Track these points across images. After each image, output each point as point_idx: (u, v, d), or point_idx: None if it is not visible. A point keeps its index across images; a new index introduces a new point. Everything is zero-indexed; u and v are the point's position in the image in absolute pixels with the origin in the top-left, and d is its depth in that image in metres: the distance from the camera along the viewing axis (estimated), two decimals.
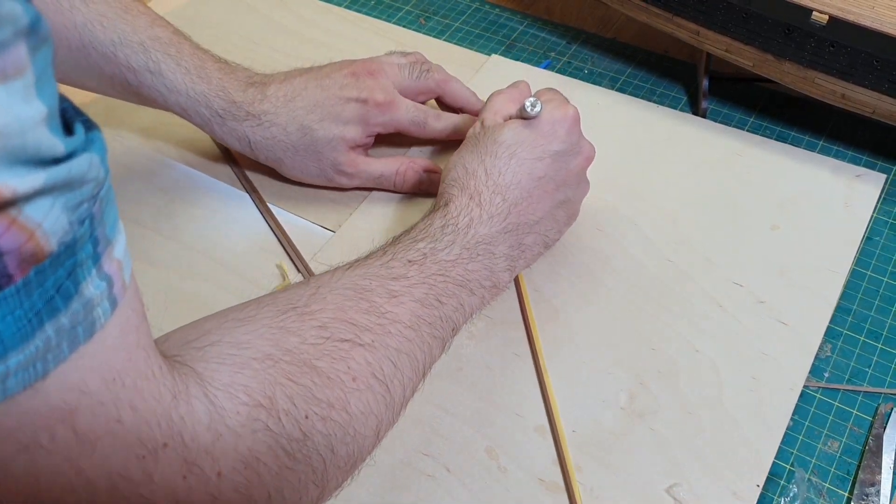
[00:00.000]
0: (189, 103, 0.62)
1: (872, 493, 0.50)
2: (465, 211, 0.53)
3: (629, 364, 0.56)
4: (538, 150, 0.55)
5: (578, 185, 0.58)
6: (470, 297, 0.52)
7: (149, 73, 0.61)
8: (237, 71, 0.64)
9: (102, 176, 0.31)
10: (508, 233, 0.54)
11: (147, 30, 0.61)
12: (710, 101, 0.73)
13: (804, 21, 0.62)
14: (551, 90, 0.60)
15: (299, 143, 0.63)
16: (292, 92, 0.63)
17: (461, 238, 0.52)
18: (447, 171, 0.56)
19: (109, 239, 0.32)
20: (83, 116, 0.31)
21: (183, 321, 0.60)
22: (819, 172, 0.66)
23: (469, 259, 0.52)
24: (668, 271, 0.60)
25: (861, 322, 0.59)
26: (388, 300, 0.47)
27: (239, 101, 0.62)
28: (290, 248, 0.63)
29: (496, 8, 0.84)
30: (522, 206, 0.54)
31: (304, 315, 0.44)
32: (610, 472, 0.51)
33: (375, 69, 0.64)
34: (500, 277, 0.54)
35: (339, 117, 0.62)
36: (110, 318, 0.32)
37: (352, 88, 0.63)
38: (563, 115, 0.57)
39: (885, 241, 0.63)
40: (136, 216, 0.66)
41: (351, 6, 0.85)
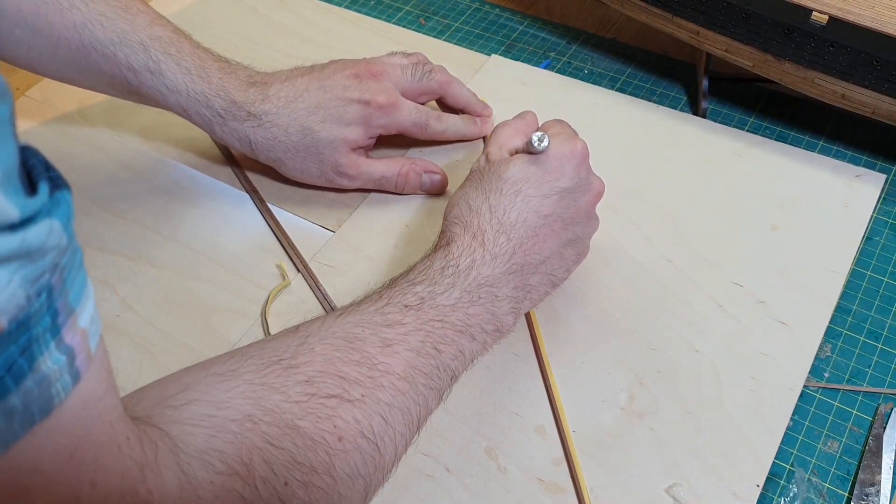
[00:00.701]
0: (189, 103, 0.61)
1: (872, 493, 0.50)
2: (467, 251, 0.51)
3: (629, 364, 0.56)
4: (545, 187, 0.53)
5: (587, 223, 0.56)
6: (471, 343, 0.49)
7: (149, 73, 0.60)
8: (238, 70, 0.64)
9: (65, 243, 0.29)
10: (513, 274, 0.51)
11: (147, 29, 0.61)
12: (710, 101, 0.73)
13: (804, 21, 0.62)
14: (559, 122, 0.58)
15: (300, 144, 0.62)
16: (294, 93, 0.62)
17: (462, 280, 0.49)
18: (450, 207, 0.54)
19: (72, 308, 0.30)
20: (52, 173, 0.29)
21: (183, 321, 0.60)
22: (819, 172, 0.66)
23: (470, 303, 0.49)
24: (667, 271, 0.60)
25: (861, 322, 0.59)
26: (381, 350, 0.45)
27: (240, 101, 0.62)
28: (290, 248, 0.63)
29: (496, 8, 0.84)
30: (528, 246, 0.52)
31: (290, 369, 0.42)
32: (610, 472, 0.51)
33: (378, 71, 0.63)
34: (503, 321, 0.51)
35: (341, 119, 0.62)
36: (70, 393, 0.30)
37: (354, 90, 0.62)
38: (571, 151, 0.54)
39: (885, 241, 0.63)
40: (136, 216, 0.66)
41: (351, 6, 0.85)
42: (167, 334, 0.59)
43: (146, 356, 0.58)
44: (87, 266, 0.65)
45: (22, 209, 0.27)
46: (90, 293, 0.32)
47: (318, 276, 0.62)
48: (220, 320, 0.60)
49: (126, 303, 0.61)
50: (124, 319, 0.60)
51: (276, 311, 0.60)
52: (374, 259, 0.63)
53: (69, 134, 0.73)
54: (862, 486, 0.51)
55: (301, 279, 0.62)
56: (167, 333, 0.59)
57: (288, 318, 0.60)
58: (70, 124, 0.73)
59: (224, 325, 0.59)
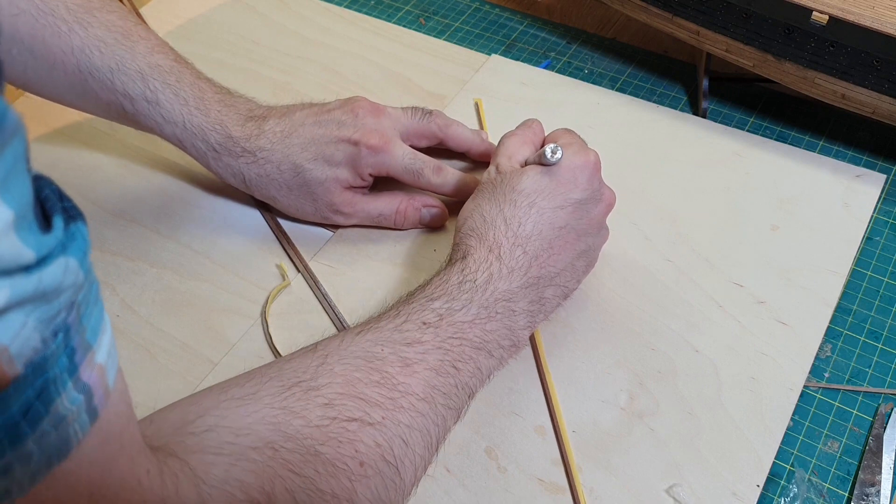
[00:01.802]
0: (185, 135, 0.60)
1: (872, 493, 0.50)
2: (483, 265, 0.50)
3: (629, 364, 0.56)
4: (559, 199, 0.52)
5: (599, 233, 0.56)
6: (488, 360, 0.49)
7: (146, 102, 0.59)
8: (238, 103, 0.62)
9: (81, 279, 0.28)
10: (529, 287, 0.51)
11: (146, 57, 0.59)
12: (710, 101, 0.73)
13: (804, 21, 0.62)
14: (568, 132, 0.57)
15: (293, 182, 0.60)
16: (290, 128, 0.60)
17: (479, 295, 0.49)
18: (463, 219, 0.54)
19: (90, 344, 0.29)
20: (66, 203, 0.29)
21: (183, 321, 0.60)
22: (819, 173, 0.66)
23: (488, 318, 0.49)
24: (667, 271, 0.60)
25: (861, 322, 0.59)
26: (401, 370, 0.44)
27: (236, 137, 0.60)
28: (290, 248, 0.63)
29: (496, 8, 0.84)
30: (543, 258, 0.51)
31: (310, 391, 0.42)
32: (610, 473, 0.51)
33: (378, 109, 0.61)
34: (519, 335, 0.51)
35: (331, 158, 0.60)
36: (89, 432, 0.30)
37: (348, 127, 0.60)
38: (584, 162, 0.54)
39: (885, 242, 0.63)
40: (136, 216, 0.66)
41: (351, 6, 0.85)
42: (167, 334, 0.59)
43: (146, 356, 0.58)
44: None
45: (38, 249, 0.26)
46: (107, 325, 0.31)
47: (318, 276, 0.62)
48: (220, 320, 0.60)
49: (126, 303, 0.61)
50: (124, 319, 0.60)
51: (276, 311, 0.60)
52: (374, 259, 0.63)
53: (69, 134, 0.73)
54: (862, 486, 0.51)
55: (301, 279, 0.62)
56: (167, 333, 0.59)
57: (288, 317, 0.60)
58: (70, 124, 0.73)
59: (224, 325, 0.59)
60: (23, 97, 0.76)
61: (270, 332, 0.59)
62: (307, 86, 0.76)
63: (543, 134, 0.59)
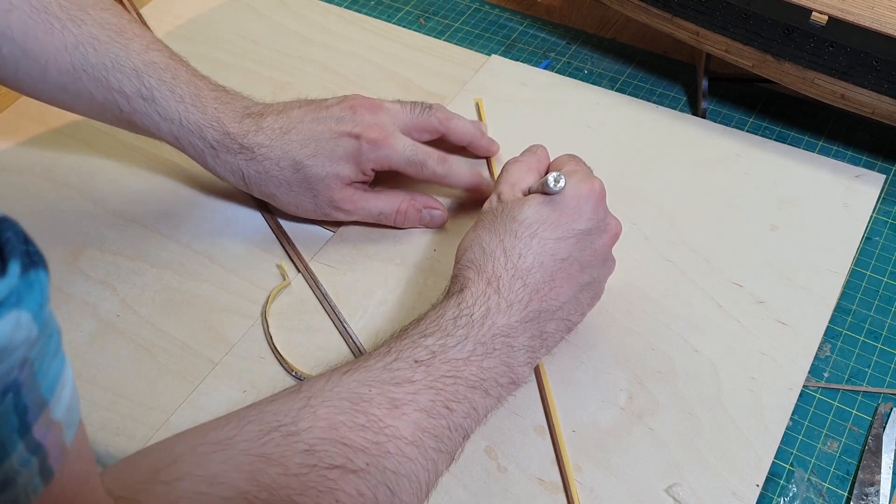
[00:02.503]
0: (182, 133, 0.59)
1: (872, 492, 0.50)
2: (481, 298, 0.48)
3: (628, 364, 0.56)
4: (562, 230, 0.50)
5: (604, 265, 0.54)
6: (484, 399, 0.47)
7: (141, 100, 0.58)
8: (235, 100, 0.61)
9: (35, 335, 0.26)
10: (529, 322, 0.49)
11: (142, 54, 0.59)
12: (710, 101, 0.73)
13: (804, 21, 0.62)
14: (573, 159, 0.56)
15: (292, 178, 0.60)
16: (288, 124, 0.60)
17: (476, 331, 0.47)
18: (462, 250, 0.52)
19: (46, 401, 0.27)
20: (30, 247, 0.26)
21: (183, 321, 0.60)
22: (818, 173, 0.66)
23: (484, 355, 0.47)
24: (667, 271, 0.60)
25: (860, 322, 0.59)
26: (388, 412, 0.42)
27: (233, 133, 0.59)
28: (290, 248, 0.64)
29: (496, 8, 0.84)
30: (545, 292, 0.49)
31: (290, 436, 0.40)
32: (609, 472, 0.51)
33: (375, 105, 0.61)
34: (519, 373, 0.49)
35: (331, 154, 0.59)
36: (40, 494, 0.28)
37: (347, 122, 0.59)
38: (588, 191, 0.52)
39: (885, 242, 0.63)
40: (137, 216, 0.66)
41: (351, 6, 0.85)
42: (167, 334, 0.59)
43: (146, 356, 0.58)
44: (88, 266, 0.66)
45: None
46: (68, 378, 0.29)
47: (318, 276, 0.62)
48: (220, 320, 0.60)
49: (126, 303, 0.61)
50: (124, 319, 0.60)
51: (276, 311, 0.60)
52: (374, 259, 0.63)
53: (69, 134, 0.73)
54: (861, 485, 0.51)
55: (301, 279, 0.62)
56: (167, 333, 0.59)
57: (288, 318, 0.60)
58: (70, 124, 0.73)
59: (224, 325, 0.59)
60: (22, 98, 0.76)
61: (270, 332, 0.59)
62: (307, 86, 0.76)
63: (549, 160, 0.57)
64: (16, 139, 0.73)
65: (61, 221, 0.66)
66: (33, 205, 0.68)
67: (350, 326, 0.59)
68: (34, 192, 0.69)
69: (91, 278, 0.63)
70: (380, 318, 0.59)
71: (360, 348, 0.57)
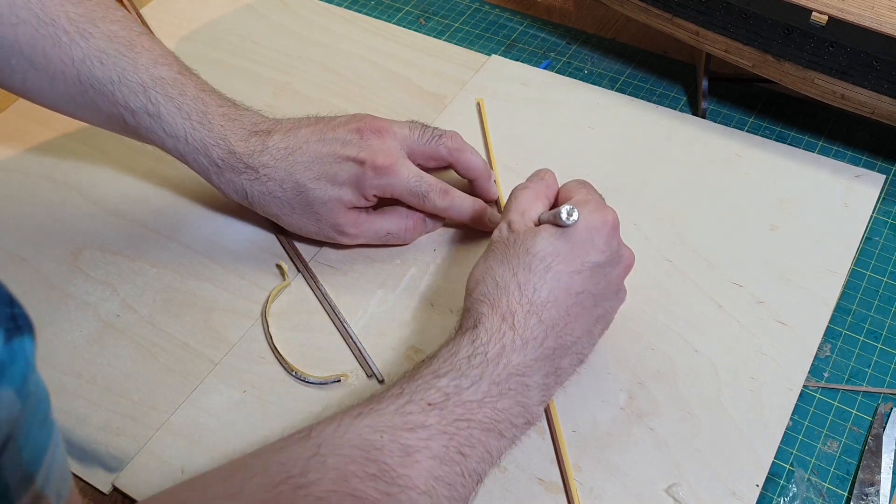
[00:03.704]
0: (187, 149, 0.59)
1: (872, 492, 0.50)
2: (496, 336, 0.47)
3: (628, 364, 0.56)
4: (576, 263, 0.49)
5: (616, 296, 0.53)
6: (499, 441, 0.45)
7: (147, 116, 0.58)
8: (243, 116, 0.60)
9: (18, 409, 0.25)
10: (544, 359, 0.48)
11: (149, 69, 0.58)
12: (710, 101, 0.73)
13: (803, 21, 0.62)
14: (584, 186, 0.54)
15: (295, 200, 0.59)
16: (294, 144, 0.59)
17: (491, 370, 0.45)
18: (474, 282, 0.50)
19: (31, 475, 0.26)
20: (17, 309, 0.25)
21: (183, 321, 0.60)
22: (818, 173, 0.66)
23: (499, 395, 0.45)
24: (667, 271, 0.60)
25: (860, 322, 0.59)
26: (400, 460, 0.41)
27: (239, 153, 0.58)
28: (290, 248, 0.64)
29: (496, 8, 0.84)
30: (560, 327, 0.48)
31: (299, 489, 0.39)
32: (609, 472, 0.51)
33: (383, 128, 0.59)
34: (533, 412, 0.48)
35: (334, 178, 0.58)
36: None
37: (353, 146, 0.58)
38: (602, 222, 0.50)
39: (885, 242, 0.63)
40: (137, 216, 0.67)
41: (351, 6, 0.85)
42: (167, 334, 0.59)
43: (146, 356, 0.58)
44: (88, 266, 0.66)
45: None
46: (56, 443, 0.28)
47: (318, 276, 0.62)
48: (220, 320, 0.60)
49: (126, 303, 0.61)
50: (124, 319, 0.60)
51: (276, 311, 0.60)
52: (374, 259, 0.63)
53: (69, 134, 0.73)
54: (861, 485, 0.51)
55: (301, 279, 0.62)
56: (167, 333, 0.59)
57: (288, 318, 0.60)
58: (70, 124, 0.73)
59: (224, 325, 0.60)
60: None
61: (270, 332, 0.59)
62: (307, 86, 0.76)
63: (557, 186, 0.56)
64: (16, 139, 0.73)
65: (61, 221, 0.67)
66: (33, 205, 0.68)
67: (350, 326, 0.59)
68: (34, 192, 0.69)
69: (91, 278, 0.63)
70: (380, 318, 0.59)
71: (361, 348, 0.57)
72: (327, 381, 0.56)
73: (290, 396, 0.56)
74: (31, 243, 0.65)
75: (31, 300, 0.62)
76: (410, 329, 0.58)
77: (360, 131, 0.59)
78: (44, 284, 0.63)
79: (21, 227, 0.66)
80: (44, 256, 0.64)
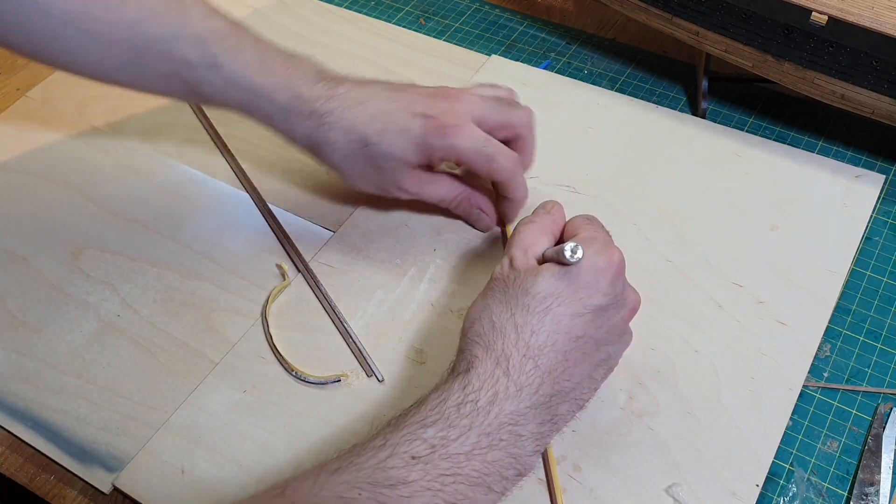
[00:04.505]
0: (251, 97, 0.57)
1: (872, 492, 0.51)
2: (489, 382, 0.44)
3: (628, 364, 0.56)
4: (578, 305, 0.47)
5: (620, 340, 0.50)
6: (487, 496, 0.43)
7: (207, 68, 0.57)
8: (304, 63, 0.59)
9: None
10: (540, 407, 0.45)
11: (203, 22, 0.57)
12: (710, 101, 0.73)
13: (803, 22, 0.62)
14: (591, 223, 0.52)
15: (358, 153, 0.58)
16: (363, 96, 0.58)
17: (481, 420, 0.43)
18: (470, 321, 0.48)
19: None
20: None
21: (183, 321, 0.60)
22: (818, 173, 0.66)
23: (489, 447, 0.43)
24: (667, 271, 0.60)
25: (860, 322, 0.59)
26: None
27: (305, 96, 0.57)
28: (290, 248, 0.64)
29: (496, 8, 0.84)
30: (558, 373, 0.46)
31: None
32: (609, 472, 0.51)
33: (454, 95, 0.59)
34: (526, 463, 0.45)
35: (400, 134, 0.57)
36: None
37: (420, 105, 0.57)
38: (607, 263, 0.48)
39: (885, 242, 0.63)
40: (137, 216, 0.67)
41: (351, 6, 0.85)
42: (167, 334, 0.59)
43: (146, 356, 0.58)
44: (88, 266, 0.66)
45: None
46: None
47: (318, 276, 0.62)
48: (220, 320, 0.60)
49: (126, 302, 0.61)
50: (125, 319, 0.60)
51: (276, 311, 0.60)
52: (374, 259, 0.63)
53: (69, 134, 0.73)
54: (861, 485, 0.51)
55: (301, 279, 0.62)
56: (167, 333, 0.59)
57: (288, 317, 0.60)
58: (70, 124, 0.73)
59: (224, 325, 0.60)
60: (23, 97, 0.76)
61: (270, 331, 0.59)
62: None
63: (564, 220, 0.54)
64: (16, 139, 0.73)
65: (61, 221, 0.67)
66: (33, 205, 0.68)
67: (350, 326, 0.59)
68: (34, 192, 0.69)
69: (91, 278, 0.63)
70: (380, 318, 0.59)
71: (361, 348, 0.57)
72: (327, 381, 0.56)
73: (290, 396, 0.56)
74: (31, 243, 0.65)
75: (31, 300, 0.62)
76: (410, 329, 0.58)
77: (432, 95, 0.58)
78: (44, 284, 0.63)
79: (21, 227, 0.66)
80: (44, 256, 0.64)
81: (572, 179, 0.66)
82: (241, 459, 0.53)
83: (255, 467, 0.52)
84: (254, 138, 0.71)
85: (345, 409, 0.55)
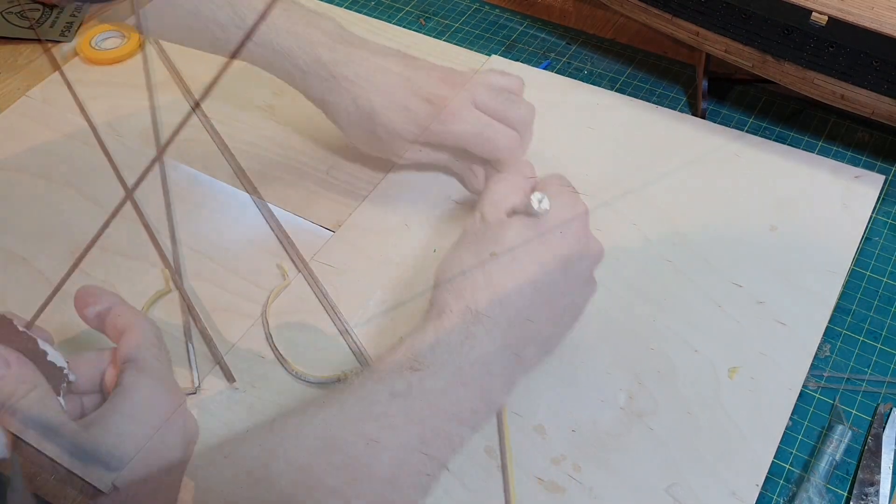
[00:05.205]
0: (275, 57, 0.62)
1: (872, 492, 0.51)
2: (459, 325, 0.47)
3: (628, 364, 0.56)
4: (544, 254, 0.49)
5: (584, 288, 0.53)
6: (460, 429, 0.46)
7: (235, 28, 0.61)
8: (326, 25, 0.63)
9: None
10: (508, 348, 0.48)
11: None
12: (710, 101, 0.73)
13: (803, 22, 0.62)
14: (559, 178, 0.54)
15: (363, 120, 0.62)
16: (377, 66, 0.61)
17: (454, 359, 0.46)
18: (441, 271, 0.51)
19: None
20: None
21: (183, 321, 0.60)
22: (818, 173, 0.66)
23: (462, 384, 0.46)
24: (666, 272, 0.60)
25: (860, 322, 0.59)
26: (364, 450, 0.42)
27: (324, 60, 0.61)
28: (290, 248, 0.64)
29: (496, 8, 0.84)
30: (524, 317, 0.48)
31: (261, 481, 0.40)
32: (609, 472, 0.51)
33: (461, 82, 0.62)
34: (495, 399, 0.48)
35: (405, 113, 0.61)
36: None
37: (429, 89, 0.61)
38: (572, 214, 0.51)
39: (884, 242, 0.63)
40: (137, 216, 0.66)
41: (351, 6, 0.85)
42: (167, 334, 0.59)
43: None
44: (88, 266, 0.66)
45: None
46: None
47: (318, 276, 0.62)
48: (220, 320, 0.60)
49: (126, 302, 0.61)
50: None
51: (276, 311, 0.60)
52: (374, 259, 0.63)
53: (69, 134, 0.73)
54: (861, 485, 0.51)
55: (301, 279, 0.62)
56: (167, 333, 0.59)
57: (288, 317, 0.60)
58: (70, 124, 0.73)
59: (224, 325, 0.59)
60: (23, 97, 0.76)
61: (270, 331, 0.59)
62: None
63: (535, 176, 0.56)
64: (16, 139, 0.73)
65: (61, 221, 0.67)
66: (33, 205, 0.68)
67: (350, 326, 0.59)
68: (34, 192, 0.69)
69: (91, 278, 0.63)
70: (380, 318, 0.59)
71: (361, 348, 0.57)
72: (327, 381, 0.56)
73: (290, 396, 0.56)
74: (31, 243, 0.65)
75: (31, 300, 0.62)
76: (410, 329, 0.58)
77: (441, 80, 0.61)
78: (44, 284, 0.62)
79: (21, 227, 0.66)
80: (44, 256, 0.64)
81: (572, 179, 0.66)
82: None
83: None
84: (254, 138, 0.71)
85: None
